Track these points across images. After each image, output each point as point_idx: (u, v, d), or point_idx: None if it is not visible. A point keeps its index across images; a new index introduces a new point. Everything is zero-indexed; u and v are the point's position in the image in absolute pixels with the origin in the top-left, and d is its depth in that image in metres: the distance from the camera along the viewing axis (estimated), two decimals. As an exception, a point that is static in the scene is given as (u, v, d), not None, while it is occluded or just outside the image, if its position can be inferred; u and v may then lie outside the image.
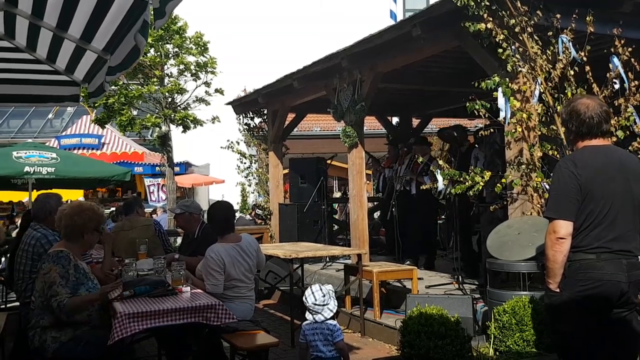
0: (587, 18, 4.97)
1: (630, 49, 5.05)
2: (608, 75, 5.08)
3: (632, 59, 5.05)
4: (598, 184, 2.79)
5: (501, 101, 5.05)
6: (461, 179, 5.40)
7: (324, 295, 3.80)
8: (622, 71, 5.05)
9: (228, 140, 10.97)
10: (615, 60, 5.10)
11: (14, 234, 9.70)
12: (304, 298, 3.88)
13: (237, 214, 14.35)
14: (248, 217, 13.99)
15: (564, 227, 2.76)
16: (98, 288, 3.71)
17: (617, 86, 5.05)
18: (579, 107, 2.92)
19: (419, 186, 7.95)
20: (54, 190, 11.99)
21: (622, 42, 5.07)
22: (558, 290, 2.84)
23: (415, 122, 11.52)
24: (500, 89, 5.04)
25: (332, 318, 3.84)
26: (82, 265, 3.69)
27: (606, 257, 2.74)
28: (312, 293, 3.82)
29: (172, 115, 12.19)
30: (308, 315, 3.85)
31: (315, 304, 3.80)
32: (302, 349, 3.87)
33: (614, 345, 2.84)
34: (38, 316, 3.53)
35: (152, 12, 2.51)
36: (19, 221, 11.00)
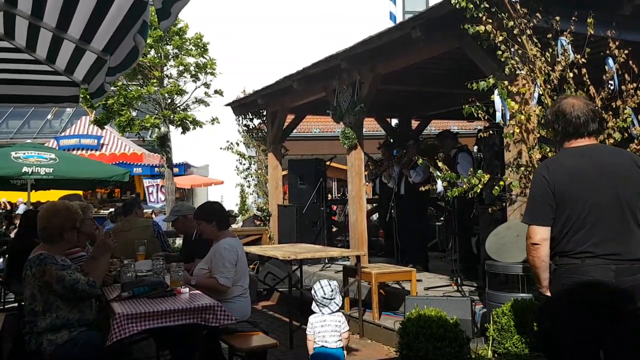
0: (588, 20, 4.97)
1: (627, 51, 5.05)
2: (604, 77, 5.09)
3: (630, 61, 5.05)
4: (573, 188, 2.71)
5: (498, 103, 5.05)
6: (458, 181, 5.41)
7: (332, 290, 4.10)
8: (615, 73, 5.05)
9: (227, 142, 10.97)
10: (610, 61, 5.11)
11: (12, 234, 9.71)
12: (312, 292, 4.14)
13: (241, 217, 14.36)
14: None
15: (538, 233, 2.73)
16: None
17: (612, 87, 5.05)
18: (565, 107, 2.87)
19: (408, 186, 7.97)
20: (53, 191, 12.04)
21: (617, 43, 5.07)
22: (548, 293, 2.82)
23: (415, 123, 11.54)
24: (496, 91, 5.04)
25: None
26: (62, 260, 3.66)
27: (591, 262, 2.66)
28: (322, 287, 4.11)
29: (172, 116, 12.20)
30: (315, 308, 4.10)
31: (324, 298, 4.08)
32: (309, 340, 4.06)
33: (614, 342, 2.76)
34: (31, 322, 3.52)
35: (154, 13, 2.50)
36: (17, 221, 10.96)
